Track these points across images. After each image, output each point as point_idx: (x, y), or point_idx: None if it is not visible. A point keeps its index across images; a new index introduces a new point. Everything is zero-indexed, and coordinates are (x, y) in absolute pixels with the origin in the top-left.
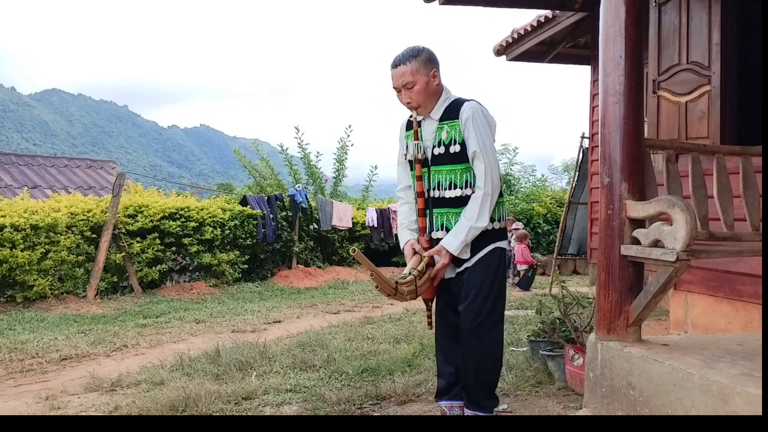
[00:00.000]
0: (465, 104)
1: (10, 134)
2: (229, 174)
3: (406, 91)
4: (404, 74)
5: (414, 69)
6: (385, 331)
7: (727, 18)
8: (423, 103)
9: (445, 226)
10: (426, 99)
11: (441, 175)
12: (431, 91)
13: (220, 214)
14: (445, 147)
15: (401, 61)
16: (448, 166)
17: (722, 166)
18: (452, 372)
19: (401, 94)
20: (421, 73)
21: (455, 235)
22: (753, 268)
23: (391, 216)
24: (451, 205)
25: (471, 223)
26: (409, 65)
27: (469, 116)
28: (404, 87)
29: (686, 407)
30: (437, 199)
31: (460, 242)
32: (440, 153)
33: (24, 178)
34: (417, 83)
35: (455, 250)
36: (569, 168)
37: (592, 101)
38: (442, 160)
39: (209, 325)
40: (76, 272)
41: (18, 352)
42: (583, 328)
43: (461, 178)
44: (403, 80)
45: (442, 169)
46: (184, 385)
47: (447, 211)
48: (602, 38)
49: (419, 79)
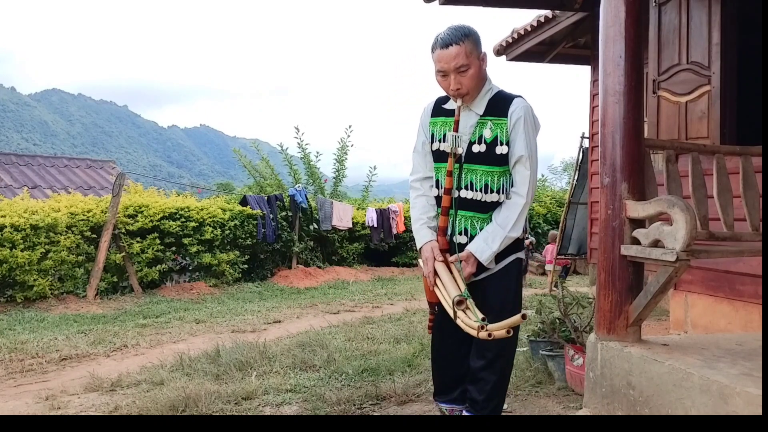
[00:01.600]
0: (515, 101)
1: (10, 134)
2: (229, 174)
3: (457, 76)
4: (458, 55)
5: (469, 50)
6: (385, 331)
7: (727, 18)
8: (472, 90)
9: (467, 230)
10: (476, 86)
11: (475, 175)
12: (483, 76)
13: (220, 214)
14: (487, 145)
15: (454, 39)
16: (487, 167)
17: (722, 166)
18: (453, 377)
19: (447, 78)
20: (474, 54)
21: (487, 243)
22: (753, 268)
23: (390, 216)
24: (479, 210)
25: (505, 231)
26: (464, 45)
27: (520, 117)
28: (456, 71)
29: (686, 407)
30: (466, 200)
31: (493, 252)
32: (480, 151)
33: (24, 178)
34: (471, 66)
35: (486, 260)
36: (569, 168)
37: (592, 101)
38: (481, 158)
39: (209, 325)
40: (76, 272)
41: (18, 352)
42: (583, 328)
43: (498, 181)
44: (457, 62)
45: (478, 169)
46: (184, 385)
47: (473, 216)
48: (602, 38)
49: (473, 61)
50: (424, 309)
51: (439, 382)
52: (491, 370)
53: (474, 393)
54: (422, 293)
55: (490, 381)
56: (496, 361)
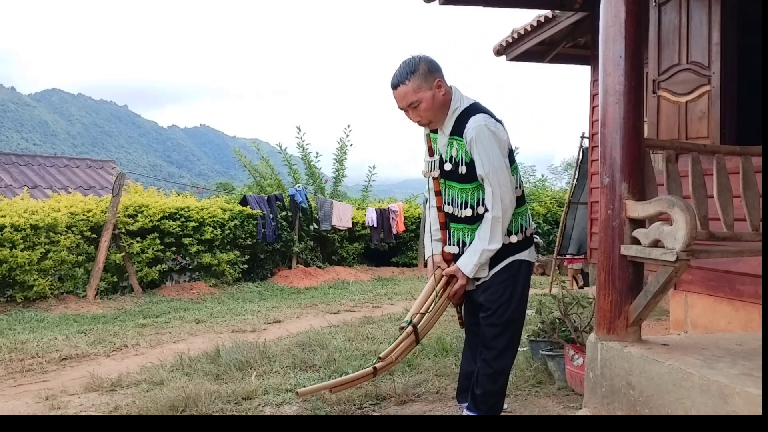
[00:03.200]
0: (469, 122)
1: (10, 134)
2: (229, 174)
3: (412, 111)
4: (406, 94)
5: (415, 87)
6: (385, 331)
7: (727, 18)
8: (433, 118)
9: (461, 240)
10: (435, 113)
11: (454, 191)
12: (438, 103)
13: (220, 214)
14: (454, 165)
15: (399, 81)
16: (459, 184)
17: (722, 166)
18: (466, 372)
19: (408, 113)
20: (424, 88)
21: (469, 257)
22: (753, 268)
23: (390, 216)
24: (466, 222)
25: (484, 245)
26: (409, 84)
27: (473, 137)
28: (410, 107)
29: (686, 407)
30: (451, 215)
31: (474, 265)
32: (451, 170)
33: (24, 178)
34: (422, 101)
35: (470, 273)
36: (569, 168)
37: (592, 101)
38: (453, 177)
39: (209, 325)
40: (76, 272)
41: (18, 352)
42: (583, 328)
43: (473, 196)
44: (407, 101)
45: (455, 186)
46: (184, 385)
47: (463, 227)
48: (602, 38)
49: (423, 95)
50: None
51: (460, 378)
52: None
53: (474, 387)
54: None
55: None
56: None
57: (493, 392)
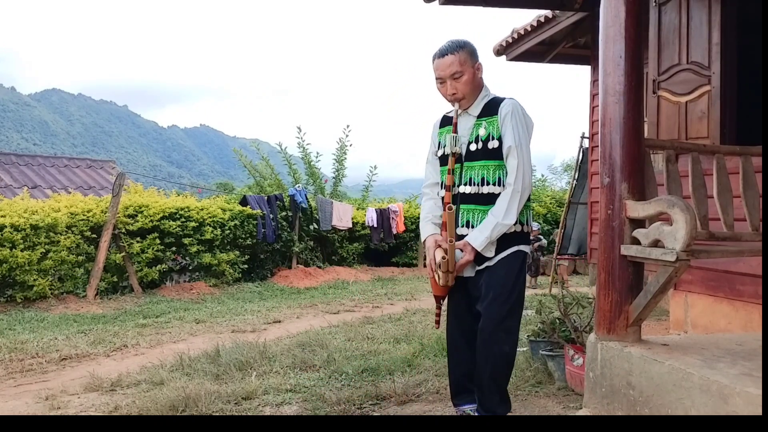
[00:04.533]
0: (505, 101)
1: (10, 134)
2: (229, 174)
3: (452, 82)
4: (452, 63)
5: (462, 59)
6: (385, 331)
7: (727, 18)
8: (468, 94)
9: (470, 222)
10: (471, 91)
11: (473, 171)
12: (477, 83)
13: (220, 214)
14: (482, 143)
15: (449, 50)
16: (482, 161)
17: (722, 166)
18: (464, 373)
19: (445, 84)
20: (468, 63)
21: (480, 231)
22: (753, 268)
23: (390, 216)
24: (479, 202)
25: (498, 219)
26: (457, 55)
27: (508, 111)
28: (452, 77)
29: (686, 407)
30: (466, 195)
31: (485, 238)
32: (476, 149)
33: (24, 178)
34: (465, 73)
35: (479, 246)
36: (569, 168)
37: (592, 101)
38: (477, 156)
39: (209, 325)
40: (76, 272)
41: (18, 352)
42: (583, 328)
43: (494, 174)
44: (451, 70)
45: (475, 165)
46: (184, 385)
47: (474, 208)
48: (602, 38)
49: (467, 69)
50: (424, 309)
51: (454, 381)
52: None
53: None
54: (422, 293)
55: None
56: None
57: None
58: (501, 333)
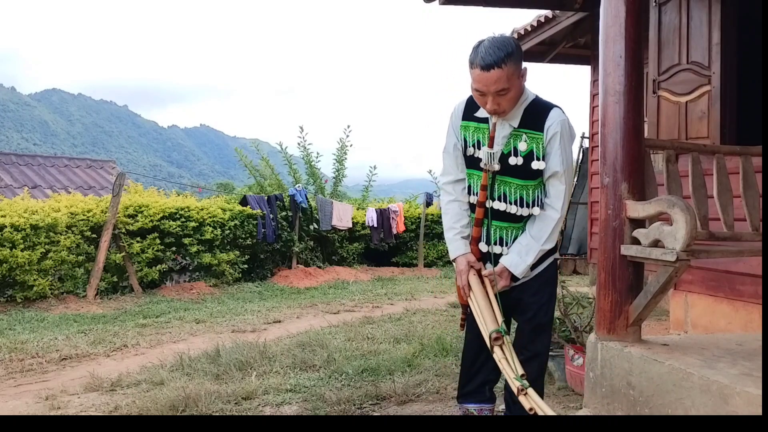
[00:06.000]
0: (551, 115)
1: (10, 134)
2: (229, 174)
3: (495, 97)
4: (499, 80)
5: (510, 72)
6: (385, 331)
7: (727, 18)
8: (511, 109)
9: (503, 240)
10: (515, 104)
11: (509, 187)
12: (520, 93)
13: (220, 214)
14: (523, 159)
15: (496, 63)
16: (521, 180)
17: (722, 166)
18: (484, 381)
19: (485, 97)
20: (515, 75)
21: (521, 256)
22: (753, 268)
23: (390, 216)
24: (513, 220)
25: (539, 244)
26: (506, 69)
27: (557, 132)
28: (497, 93)
29: (686, 407)
30: (498, 211)
31: (527, 265)
32: (517, 164)
33: (24, 178)
34: (511, 89)
35: (520, 273)
36: None
37: (592, 101)
38: (517, 172)
39: (209, 325)
40: (76, 272)
41: (18, 352)
42: (583, 328)
43: (532, 194)
44: (497, 87)
45: (512, 182)
46: (184, 385)
47: (508, 226)
48: (602, 38)
49: (514, 83)
50: (424, 309)
51: (467, 384)
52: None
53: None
54: (422, 293)
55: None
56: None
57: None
58: (539, 346)
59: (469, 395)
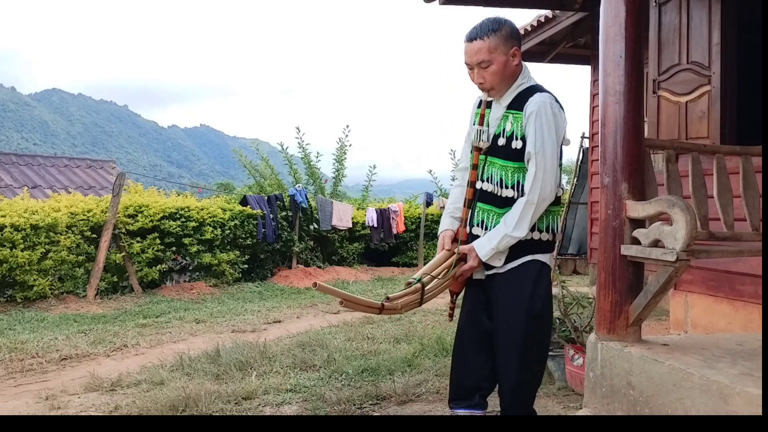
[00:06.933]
0: (535, 96)
1: (10, 134)
2: (229, 174)
3: (479, 70)
4: (480, 51)
5: (492, 46)
6: (385, 331)
7: (727, 18)
8: (497, 85)
9: (485, 223)
10: (501, 81)
11: (494, 168)
12: (508, 72)
13: (220, 214)
14: (507, 139)
15: (478, 34)
16: (503, 161)
17: (722, 166)
18: (475, 383)
19: (473, 72)
20: (500, 51)
21: (488, 240)
22: (753, 268)
23: (390, 216)
24: (495, 203)
25: (507, 231)
26: (487, 41)
27: (533, 111)
28: (479, 65)
29: (686, 407)
30: (485, 192)
31: (491, 248)
32: (502, 144)
33: (24, 178)
34: (493, 62)
35: (484, 256)
36: (567, 171)
37: (592, 101)
38: (502, 152)
39: (209, 325)
40: (76, 272)
41: (18, 352)
42: (583, 328)
43: (512, 177)
44: (478, 58)
45: (497, 162)
46: (184, 385)
47: (490, 209)
48: (602, 38)
49: (497, 57)
50: (425, 309)
51: (457, 387)
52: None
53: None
54: None
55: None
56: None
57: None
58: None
59: (460, 399)
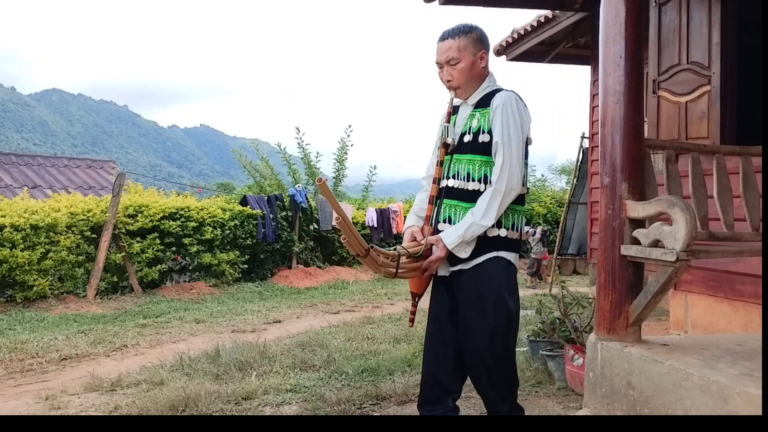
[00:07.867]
0: (500, 92)
1: (10, 134)
2: (229, 174)
3: (448, 68)
4: (450, 49)
5: (461, 45)
6: (385, 331)
7: (727, 18)
8: (464, 84)
9: (451, 219)
10: (468, 81)
11: (461, 164)
12: (475, 73)
13: (220, 214)
14: (473, 135)
15: (450, 34)
16: (470, 155)
17: (722, 166)
18: (438, 382)
19: (443, 70)
20: (468, 51)
21: (456, 229)
22: (753, 268)
23: (390, 216)
24: (462, 198)
25: (474, 219)
26: (457, 40)
27: (499, 104)
28: (447, 63)
29: (686, 407)
30: (451, 189)
31: (458, 236)
32: (468, 141)
33: (24, 178)
34: (462, 61)
35: (450, 244)
36: (567, 171)
37: (592, 101)
38: (468, 148)
39: (209, 325)
40: (76, 272)
41: (18, 352)
42: (583, 328)
43: (480, 170)
44: (448, 55)
45: (463, 158)
46: (184, 385)
47: (457, 204)
48: (602, 38)
49: (465, 57)
50: (424, 309)
51: (428, 390)
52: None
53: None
54: None
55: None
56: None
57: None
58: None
59: (431, 403)
